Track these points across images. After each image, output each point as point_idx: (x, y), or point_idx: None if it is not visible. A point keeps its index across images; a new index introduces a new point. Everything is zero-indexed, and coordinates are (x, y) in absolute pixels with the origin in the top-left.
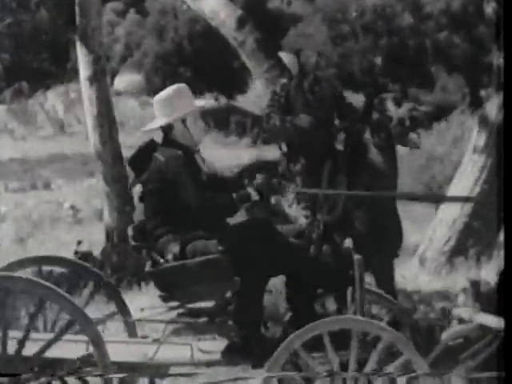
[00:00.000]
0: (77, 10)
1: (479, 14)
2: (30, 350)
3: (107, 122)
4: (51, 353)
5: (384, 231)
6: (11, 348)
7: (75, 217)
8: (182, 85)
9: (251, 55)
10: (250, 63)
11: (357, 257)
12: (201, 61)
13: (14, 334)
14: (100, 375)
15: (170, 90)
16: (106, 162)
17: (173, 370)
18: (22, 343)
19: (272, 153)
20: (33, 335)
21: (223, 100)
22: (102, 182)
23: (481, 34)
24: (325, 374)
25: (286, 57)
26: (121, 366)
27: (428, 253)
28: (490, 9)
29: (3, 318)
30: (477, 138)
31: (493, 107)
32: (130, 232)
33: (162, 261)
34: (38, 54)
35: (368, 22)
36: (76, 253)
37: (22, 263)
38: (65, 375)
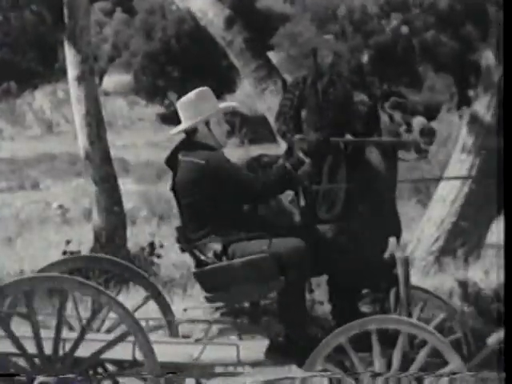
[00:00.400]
0: (65, 9)
1: (467, 12)
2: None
3: (95, 121)
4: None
5: (383, 229)
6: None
7: (63, 217)
8: (205, 88)
9: (239, 55)
10: (238, 63)
11: (400, 255)
12: (189, 60)
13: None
14: (147, 375)
15: (193, 93)
16: (95, 162)
17: (218, 370)
18: (76, 344)
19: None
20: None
21: None
22: (91, 181)
23: (468, 33)
24: (370, 373)
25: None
26: (166, 367)
27: (416, 253)
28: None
29: (59, 319)
30: (465, 137)
31: (481, 107)
32: (174, 234)
33: (203, 258)
34: (26, 53)
35: (356, 22)
36: (64, 253)
37: (65, 263)
38: (114, 375)
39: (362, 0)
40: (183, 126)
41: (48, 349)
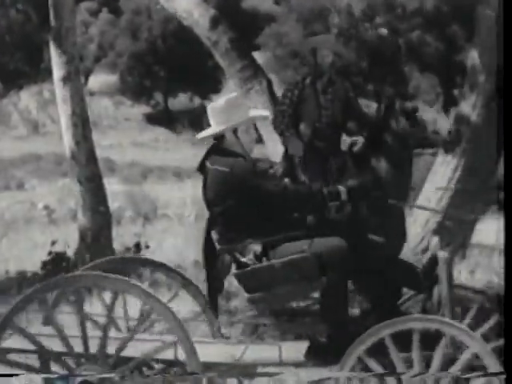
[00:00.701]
0: (50, 9)
1: (452, 13)
2: (112, 348)
3: (81, 121)
4: (136, 352)
5: (390, 230)
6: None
7: (49, 217)
8: (237, 94)
9: (225, 55)
10: (223, 63)
11: (443, 255)
12: (175, 60)
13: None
14: (190, 374)
15: (224, 99)
16: (80, 162)
17: (260, 371)
18: (124, 344)
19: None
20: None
21: (197, 100)
22: (76, 181)
23: (453, 33)
24: (410, 373)
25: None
26: (208, 367)
27: (402, 253)
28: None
29: (107, 317)
30: (450, 138)
31: (468, 107)
32: (214, 236)
33: (243, 259)
34: (12, 53)
35: (342, 22)
36: (50, 253)
37: (108, 263)
38: (156, 374)
39: (348, 0)
40: (211, 131)
41: (84, 347)
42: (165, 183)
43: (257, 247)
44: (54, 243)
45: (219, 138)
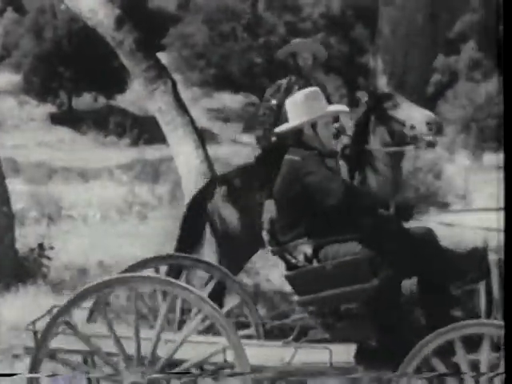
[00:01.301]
0: None
1: (356, 16)
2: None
3: None
4: (184, 354)
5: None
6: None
7: None
8: (316, 88)
9: (130, 55)
10: (128, 63)
11: (494, 257)
12: (80, 60)
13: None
14: (238, 374)
15: (303, 93)
16: None
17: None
18: (175, 347)
19: (152, 153)
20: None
21: (102, 100)
22: None
23: (357, 36)
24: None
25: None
26: (257, 370)
27: None
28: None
29: (161, 320)
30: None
31: (363, 110)
32: (265, 237)
33: (293, 260)
34: None
35: (249, 23)
36: None
37: (144, 263)
38: (204, 376)
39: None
40: (290, 125)
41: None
42: (70, 184)
43: (307, 248)
44: None
45: (297, 132)
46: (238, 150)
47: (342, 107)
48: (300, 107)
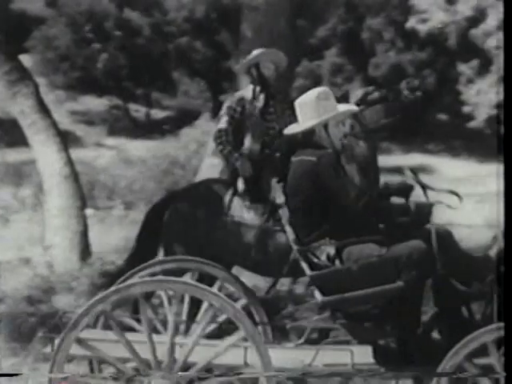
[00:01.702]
0: None
1: (221, 20)
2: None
3: None
4: (204, 356)
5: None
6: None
7: None
8: (325, 88)
9: None
10: None
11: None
12: None
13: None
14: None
15: (313, 93)
16: None
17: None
18: (191, 349)
19: (14, 156)
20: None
21: None
22: None
23: (222, 40)
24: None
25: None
26: (279, 372)
27: None
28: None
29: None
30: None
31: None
32: (290, 235)
33: (316, 260)
34: None
35: (110, 27)
36: None
37: (152, 265)
38: (230, 376)
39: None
40: (302, 126)
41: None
42: None
43: (330, 249)
44: None
45: (308, 132)
46: (102, 153)
47: (352, 107)
48: (313, 107)
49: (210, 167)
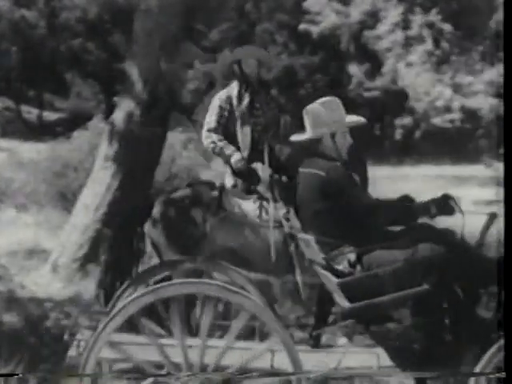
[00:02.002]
0: None
1: (114, 22)
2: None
3: None
4: (231, 359)
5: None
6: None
7: None
8: (334, 98)
9: None
10: None
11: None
12: None
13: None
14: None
15: (321, 102)
16: None
17: (357, 379)
18: (223, 352)
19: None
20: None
21: None
22: None
23: (115, 42)
24: None
25: None
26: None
27: (61, 259)
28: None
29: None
30: (108, 145)
31: (120, 115)
32: (310, 248)
33: (337, 267)
34: None
35: (2, 27)
36: None
37: (159, 267)
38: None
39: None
40: (309, 135)
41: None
42: None
43: (351, 255)
44: None
45: (315, 142)
46: None
47: (359, 118)
48: (322, 117)
49: (103, 169)
